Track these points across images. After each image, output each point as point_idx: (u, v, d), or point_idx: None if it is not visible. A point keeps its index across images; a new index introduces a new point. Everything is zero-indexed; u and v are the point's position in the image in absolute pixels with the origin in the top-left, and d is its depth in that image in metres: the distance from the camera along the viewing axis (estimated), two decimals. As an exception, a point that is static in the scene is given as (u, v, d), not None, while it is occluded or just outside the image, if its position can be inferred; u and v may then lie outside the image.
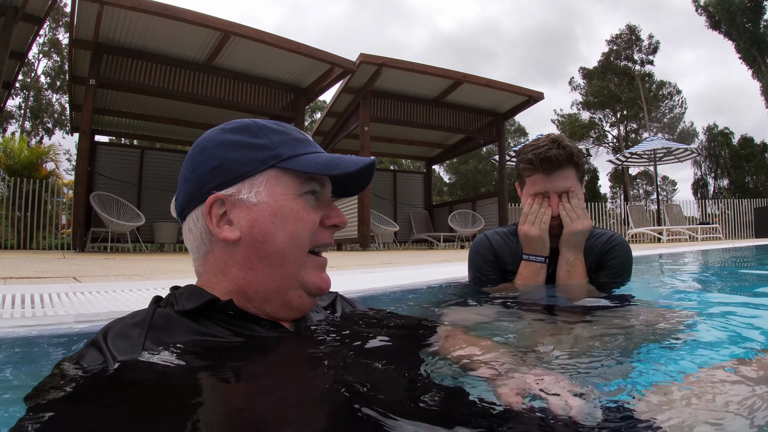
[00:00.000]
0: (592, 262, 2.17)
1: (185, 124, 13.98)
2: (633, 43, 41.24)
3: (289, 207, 1.02)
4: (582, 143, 39.75)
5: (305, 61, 11.24)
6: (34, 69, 35.91)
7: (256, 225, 1.01)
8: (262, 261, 1.02)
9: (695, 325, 1.52)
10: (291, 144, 1.05)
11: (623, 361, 1.13)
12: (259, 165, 1.01)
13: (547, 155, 2.01)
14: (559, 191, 2.06)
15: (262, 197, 1.01)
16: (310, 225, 1.04)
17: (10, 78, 11.60)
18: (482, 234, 2.41)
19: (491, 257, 2.30)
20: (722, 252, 7.50)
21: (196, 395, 0.80)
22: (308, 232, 1.03)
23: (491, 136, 15.89)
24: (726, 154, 39.31)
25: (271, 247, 1.01)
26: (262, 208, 1.01)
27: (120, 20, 9.25)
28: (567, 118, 43.91)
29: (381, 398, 0.77)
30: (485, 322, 1.64)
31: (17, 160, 13.34)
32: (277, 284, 1.03)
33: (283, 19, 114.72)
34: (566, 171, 2.05)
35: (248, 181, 1.01)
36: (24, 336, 1.45)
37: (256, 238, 1.01)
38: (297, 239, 1.02)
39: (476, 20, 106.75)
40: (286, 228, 1.01)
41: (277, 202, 1.01)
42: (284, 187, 1.02)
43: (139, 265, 5.22)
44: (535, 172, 2.08)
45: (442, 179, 48.55)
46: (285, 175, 1.03)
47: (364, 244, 12.10)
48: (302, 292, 1.05)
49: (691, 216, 19.86)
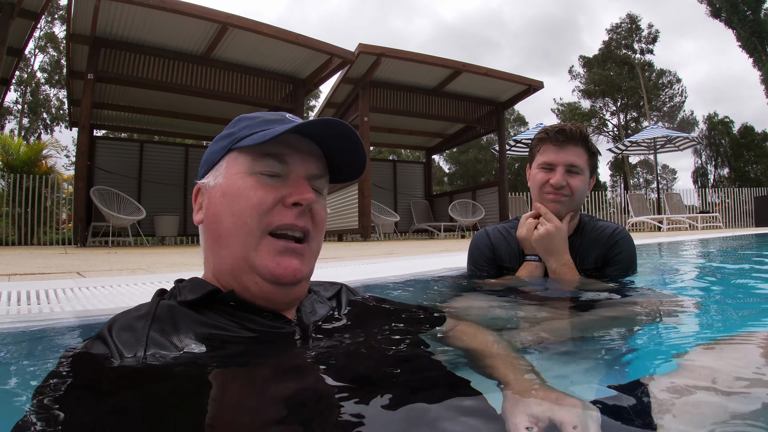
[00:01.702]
0: (598, 257, 2.17)
1: (184, 116, 13.94)
2: (633, 32, 41.05)
3: (236, 185, 1.00)
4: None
5: (304, 51, 11.19)
6: (30, 64, 35.77)
7: (210, 206, 1.05)
8: (216, 242, 1.04)
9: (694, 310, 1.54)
10: (254, 125, 1.04)
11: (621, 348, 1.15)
12: (222, 151, 1.05)
13: (562, 128, 2.07)
14: (566, 164, 2.06)
15: (219, 180, 1.04)
16: (256, 202, 0.98)
17: (8, 74, 11.56)
18: (483, 229, 2.42)
19: (488, 253, 2.31)
20: (722, 241, 7.51)
21: (197, 386, 0.81)
22: (254, 210, 0.98)
23: (491, 126, 15.82)
24: (726, 143, 39.20)
25: (219, 228, 1.02)
26: (215, 189, 1.04)
27: (117, 14, 9.20)
28: (567, 107, 43.77)
29: (385, 391, 0.77)
30: (485, 313, 1.65)
31: (16, 156, 13.32)
32: (231, 266, 1.02)
33: (285, 11, 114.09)
34: (578, 148, 2.07)
35: (214, 168, 1.06)
36: (30, 330, 1.46)
37: (209, 219, 1.05)
38: (241, 218, 0.98)
39: (479, 10, 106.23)
40: (232, 207, 0.99)
41: (227, 181, 1.02)
42: (238, 167, 1.02)
43: (141, 258, 5.23)
44: (546, 142, 2.10)
45: (442, 169, 48.43)
46: (241, 155, 1.02)
47: (365, 235, 12.09)
48: (257, 277, 1.00)
49: (691, 205, 19.85)
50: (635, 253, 2.22)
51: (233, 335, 0.96)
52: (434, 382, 0.84)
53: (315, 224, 1.05)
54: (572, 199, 2.08)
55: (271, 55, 11.28)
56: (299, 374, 0.89)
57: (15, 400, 0.87)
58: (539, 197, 2.14)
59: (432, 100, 14.50)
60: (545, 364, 1.07)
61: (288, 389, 0.81)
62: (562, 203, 2.08)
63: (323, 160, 1.08)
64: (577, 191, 2.07)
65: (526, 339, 1.26)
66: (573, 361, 1.11)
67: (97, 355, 0.87)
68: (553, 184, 2.06)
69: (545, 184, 2.09)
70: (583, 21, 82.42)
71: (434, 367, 0.94)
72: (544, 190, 2.10)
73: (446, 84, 14.05)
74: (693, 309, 1.60)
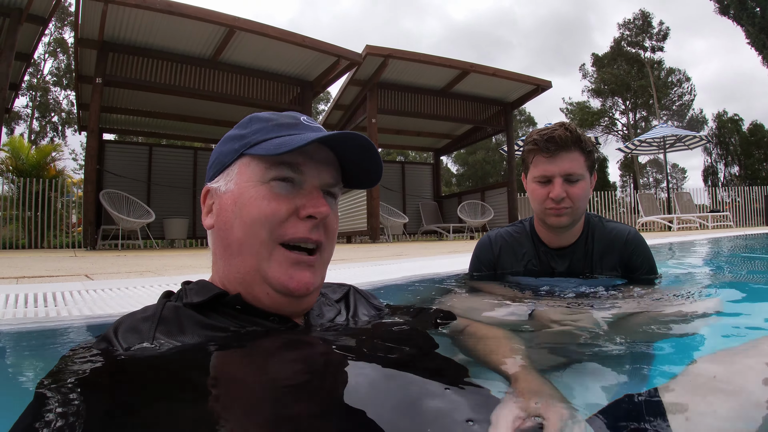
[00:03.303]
0: (616, 264, 2.10)
1: (193, 120, 14.02)
2: (644, 30, 40.86)
3: (249, 194, 0.97)
4: (592, 131, 39.51)
5: (311, 53, 11.20)
6: (40, 69, 36.07)
7: (221, 213, 1.02)
8: (226, 250, 1.01)
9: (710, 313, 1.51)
10: (267, 130, 1.01)
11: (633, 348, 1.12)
12: (233, 154, 1.02)
13: (551, 135, 1.95)
14: (564, 174, 1.95)
15: (230, 185, 1.01)
16: (271, 213, 0.96)
17: (17, 79, 11.65)
18: (487, 234, 2.36)
19: (490, 257, 2.27)
20: (733, 240, 7.44)
21: (200, 389, 0.80)
22: (268, 221, 0.96)
23: (499, 126, 15.79)
24: (736, 141, 38.92)
25: (230, 237, 0.99)
26: (227, 196, 1.01)
27: (125, 18, 9.25)
28: (576, 106, 43.64)
29: (388, 394, 0.77)
30: (492, 314, 1.63)
31: (25, 160, 13.42)
32: (241, 276, 0.99)
33: (297, 13, 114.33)
34: (572, 153, 1.95)
35: (225, 171, 1.03)
36: (36, 331, 1.46)
37: (220, 226, 1.02)
38: (253, 228, 0.96)
39: (491, 10, 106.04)
40: (243, 216, 0.97)
41: (239, 189, 0.99)
42: (250, 174, 0.99)
43: (150, 261, 5.23)
44: (538, 154, 1.99)
45: (450, 170, 48.40)
46: (254, 161, 0.99)
47: (374, 237, 12.08)
48: (269, 288, 0.98)
49: (701, 204, 19.71)
50: (651, 253, 2.17)
51: (238, 338, 0.95)
52: (440, 380, 0.82)
53: (327, 235, 1.03)
54: (575, 208, 1.99)
55: (279, 57, 11.30)
56: (304, 376, 0.87)
57: (16, 400, 0.86)
58: (541, 213, 2.06)
59: (440, 101, 14.49)
60: (555, 364, 1.05)
61: (292, 391, 0.80)
62: (566, 215, 2.00)
63: (338, 168, 1.05)
64: (579, 199, 1.98)
65: (535, 342, 1.24)
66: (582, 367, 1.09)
67: (101, 355, 0.87)
68: (553, 198, 1.96)
69: (546, 199, 2.00)
70: (593, 20, 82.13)
71: (439, 366, 0.93)
72: (545, 206, 2.01)
73: (454, 85, 14.04)
74: (708, 313, 1.56)
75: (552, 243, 2.15)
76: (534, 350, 1.12)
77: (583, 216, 2.12)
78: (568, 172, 1.95)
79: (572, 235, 2.12)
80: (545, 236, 2.16)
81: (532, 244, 2.20)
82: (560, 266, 2.14)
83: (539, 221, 2.14)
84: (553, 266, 2.15)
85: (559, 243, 2.14)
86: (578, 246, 2.12)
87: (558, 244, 2.14)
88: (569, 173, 1.96)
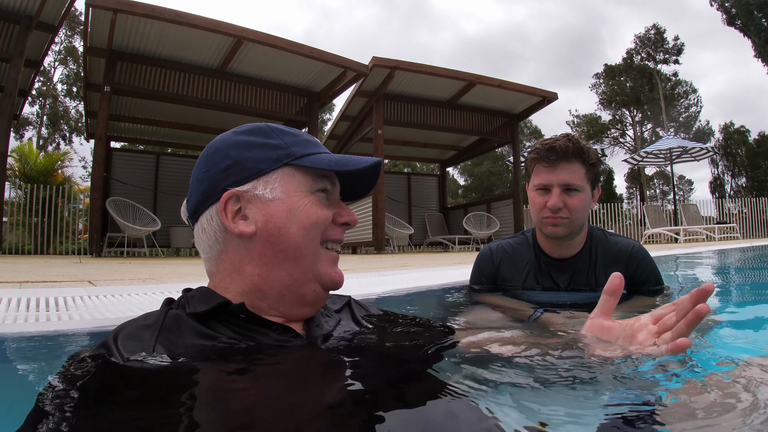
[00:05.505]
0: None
1: (200, 129, 14.10)
2: (658, 44, 40.87)
3: (303, 202, 1.04)
4: (598, 144, 39.42)
5: (318, 65, 11.28)
6: (50, 77, 36.37)
7: (271, 220, 1.03)
8: (277, 255, 1.03)
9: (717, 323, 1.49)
10: (302, 144, 1.08)
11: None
12: (273, 163, 1.05)
13: (553, 145, 1.96)
14: (562, 184, 1.96)
15: (277, 194, 1.03)
16: (324, 219, 1.06)
17: (26, 86, 11.77)
18: (488, 246, 2.35)
19: (490, 268, 2.26)
20: (740, 252, 7.40)
21: (202, 399, 0.80)
22: (322, 226, 1.06)
23: (505, 138, 15.81)
24: (743, 152, 38.79)
25: (287, 241, 1.03)
26: (277, 204, 1.03)
27: (133, 27, 9.35)
28: (583, 119, 43.63)
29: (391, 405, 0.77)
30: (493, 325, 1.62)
31: (32, 166, 13.50)
32: (293, 278, 1.04)
33: (313, 24, 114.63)
34: (573, 164, 1.95)
35: (263, 178, 1.04)
36: (37, 335, 1.46)
37: (271, 232, 1.03)
38: (311, 233, 1.04)
39: (503, 23, 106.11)
40: (301, 222, 1.03)
41: (291, 198, 1.04)
42: (297, 184, 1.05)
43: (154, 269, 5.24)
44: (539, 162, 2.00)
45: (456, 181, 48.39)
46: (298, 172, 1.06)
47: (379, 247, 12.08)
48: (317, 285, 1.07)
49: (708, 216, 19.61)
50: (656, 265, 2.15)
51: (240, 348, 0.95)
52: (438, 396, 0.82)
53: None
54: (572, 220, 1.98)
55: (286, 68, 11.38)
56: (305, 386, 0.87)
57: (15, 405, 0.86)
58: (539, 222, 2.06)
59: (446, 113, 14.54)
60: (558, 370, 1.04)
61: (294, 402, 0.79)
62: (562, 225, 1.99)
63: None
64: (576, 211, 1.97)
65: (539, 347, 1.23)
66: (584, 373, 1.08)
67: (100, 363, 0.86)
68: (549, 207, 1.96)
69: (543, 208, 2.00)
70: (605, 33, 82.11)
71: (439, 381, 0.93)
72: (542, 215, 2.01)
73: (460, 96, 14.08)
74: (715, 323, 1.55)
75: (553, 253, 2.14)
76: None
77: (584, 228, 2.11)
78: (567, 182, 1.96)
79: (574, 247, 2.11)
80: (547, 246, 2.15)
81: (533, 255, 2.18)
82: (562, 277, 2.12)
83: (539, 230, 2.14)
84: (555, 277, 2.13)
85: (560, 254, 2.13)
86: (581, 258, 2.11)
87: (559, 255, 2.13)
88: (568, 183, 1.96)
